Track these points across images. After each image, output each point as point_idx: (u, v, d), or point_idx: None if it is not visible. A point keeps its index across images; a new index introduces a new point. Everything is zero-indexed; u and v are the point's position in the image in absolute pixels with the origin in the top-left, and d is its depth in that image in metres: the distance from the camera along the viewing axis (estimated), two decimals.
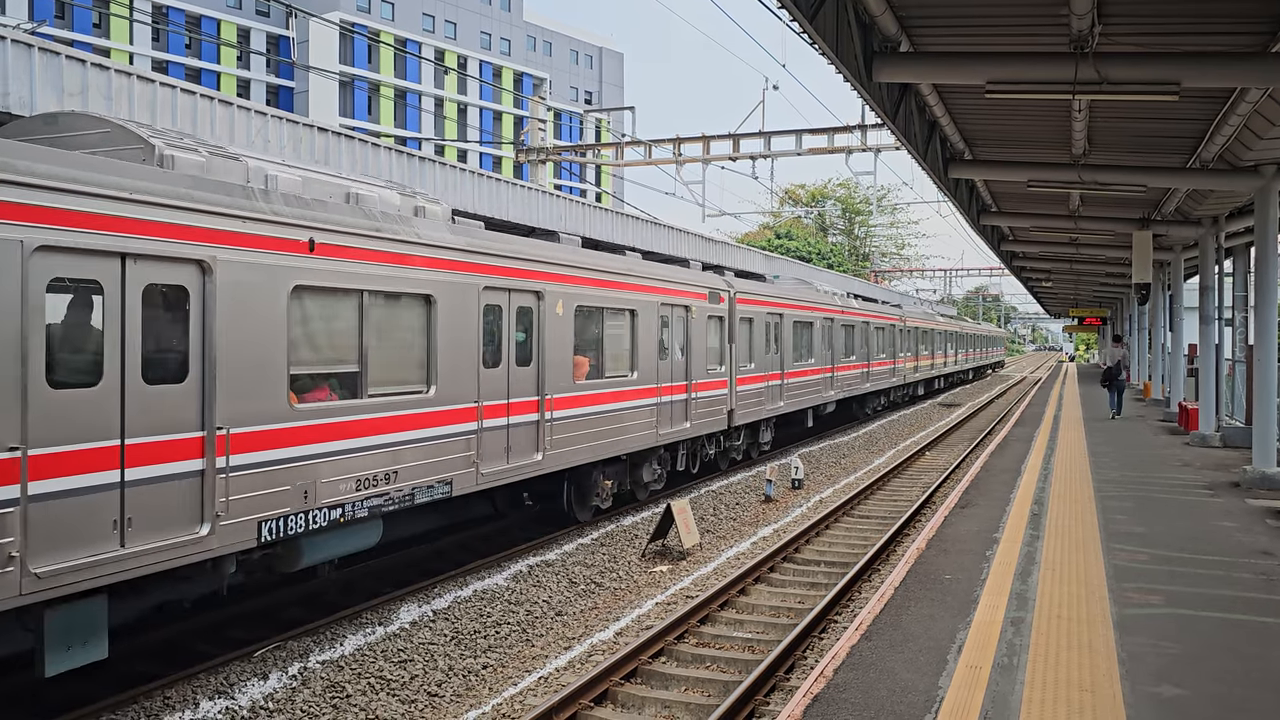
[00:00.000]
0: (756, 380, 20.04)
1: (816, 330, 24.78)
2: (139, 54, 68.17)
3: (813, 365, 24.28)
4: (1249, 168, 14.19)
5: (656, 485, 16.50)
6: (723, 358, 18.31)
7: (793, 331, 22.62)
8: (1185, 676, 6.16)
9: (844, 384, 27.56)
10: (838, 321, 26.82)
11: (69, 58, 10.52)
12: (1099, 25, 9.27)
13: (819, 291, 26.64)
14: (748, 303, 19.79)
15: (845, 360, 27.76)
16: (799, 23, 8.74)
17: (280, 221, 8.55)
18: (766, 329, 20.81)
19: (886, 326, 33.64)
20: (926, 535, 10.66)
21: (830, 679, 6.21)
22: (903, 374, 36.31)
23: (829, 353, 25.85)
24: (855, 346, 29.02)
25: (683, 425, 16.54)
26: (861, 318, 29.85)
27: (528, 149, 29.69)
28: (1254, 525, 10.99)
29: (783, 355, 21.72)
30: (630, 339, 14.89)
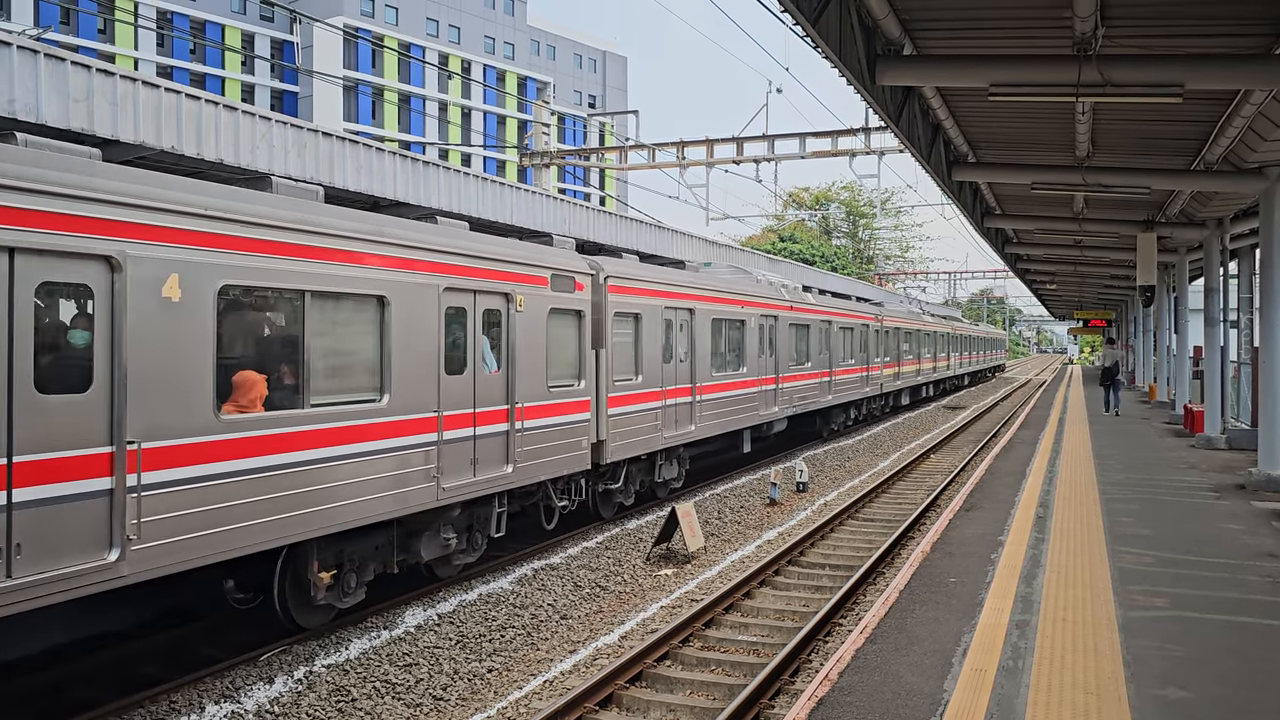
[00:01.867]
0: (646, 398, 15.12)
1: (752, 330, 19.93)
2: (144, 59, 68.37)
3: (745, 376, 19.47)
4: (1253, 169, 14.18)
5: (464, 559, 11.47)
6: (582, 369, 13.38)
7: (712, 332, 17.91)
8: (1190, 679, 6.15)
9: (795, 397, 22.73)
10: (785, 320, 22.08)
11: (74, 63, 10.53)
12: (1102, 28, 9.28)
13: (758, 282, 21.63)
14: (630, 291, 14.72)
15: (797, 367, 23.07)
16: (802, 26, 8.76)
17: None
18: (667, 328, 16.05)
19: (856, 327, 28.96)
20: (931, 538, 10.65)
21: (835, 682, 6.21)
22: (879, 382, 31.68)
23: (772, 359, 21.15)
24: (812, 350, 24.34)
25: (499, 470, 11.27)
26: (821, 315, 25.17)
27: (531, 153, 29.73)
28: (1259, 528, 10.96)
29: (695, 363, 16.91)
30: (378, 344, 9.59)
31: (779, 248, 69.41)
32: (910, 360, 37.37)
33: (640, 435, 15.02)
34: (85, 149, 7.47)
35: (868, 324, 30.49)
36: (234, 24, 75.30)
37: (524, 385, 11.94)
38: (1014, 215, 23.14)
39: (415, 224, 10.82)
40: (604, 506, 15.06)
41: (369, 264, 9.52)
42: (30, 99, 10.11)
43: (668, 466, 16.79)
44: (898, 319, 35.25)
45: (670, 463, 16.86)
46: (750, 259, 31.51)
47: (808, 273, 38.75)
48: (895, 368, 34.36)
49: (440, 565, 11.29)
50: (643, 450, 15.16)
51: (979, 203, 21.62)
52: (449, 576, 11.51)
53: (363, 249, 9.48)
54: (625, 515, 15.66)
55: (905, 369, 36.39)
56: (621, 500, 15.36)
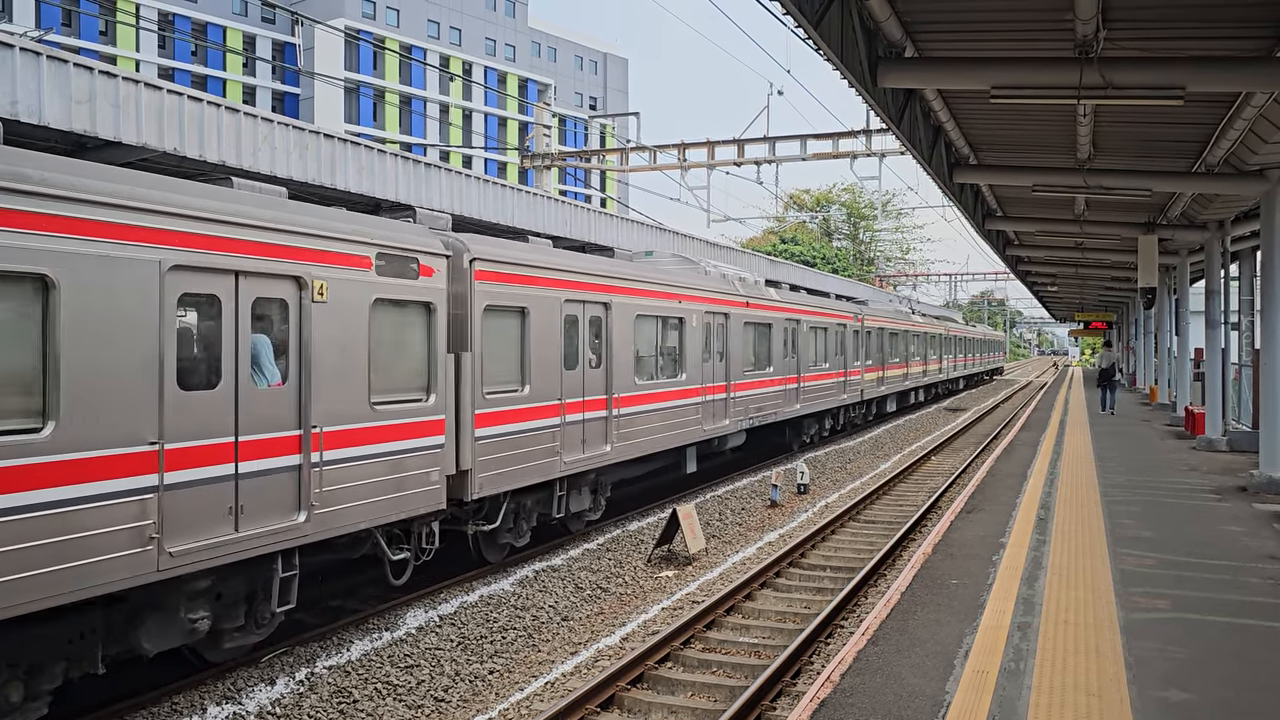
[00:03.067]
0: (537, 414, 12.12)
1: (694, 330, 16.92)
2: (145, 61, 68.47)
3: (685, 384, 16.54)
4: (1255, 172, 14.18)
5: (243, 639, 8.68)
6: (432, 379, 10.26)
7: (636, 331, 14.82)
8: (1192, 681, 6.14)
9: (753, 407, 19.74)
10: (739, 318, 19.13)
11: (76, 65, 10.56)
12: (1104, 30, 9.29)
13: (706, 274, 18.65)
14: (512, 280, 11.68)
15: (756, 373, 20.16)
16: (804, 28, 8.76)
17: None
18: (569, 327, 13.01)
19: (832, 327, 25.95)
20: (933, 540, 10.65)
21: (837, 684, 6.21)
22: (859, 388, 28.77)
23: (722, 363, 18.36)
24: (776, 353, 21.32)
25: (282, 520, 8.37)
26: (786, 313, 22.09)
27: (533, 155, 29.75)
28: (1261, 529, 10.96)
29: (612, 369, 13.89)
30: (39, 348, 6.68)
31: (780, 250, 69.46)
32: (897, 364, 34.50)
33: (528, 461, 11.85)
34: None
35: (845, 324, 27.55)
36: (235, 26, 75.40)
37: (327, 402, 8.84)
38: (1015, 217, 23.14)
39: (114, 171, 7.44)
40: (488, 549, 12.12)
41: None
42: (33, 101, 10.13)
43: (576, 497, 13.50)
44: (882, 318, 32.52)
45: (579, 492, 13.58)
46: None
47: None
48: (879, 372, 31.48)
49: (209, 649, 8.49)
50: (533, 478, 12.03)
51: (980, 205, 21.63)
52: (222, 661, 8.78)
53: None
54: (626, 517, 15.66)
55: (891, 373, 33.43)
56: (511, 541, 12.33)
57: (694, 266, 18.72)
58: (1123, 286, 38.18)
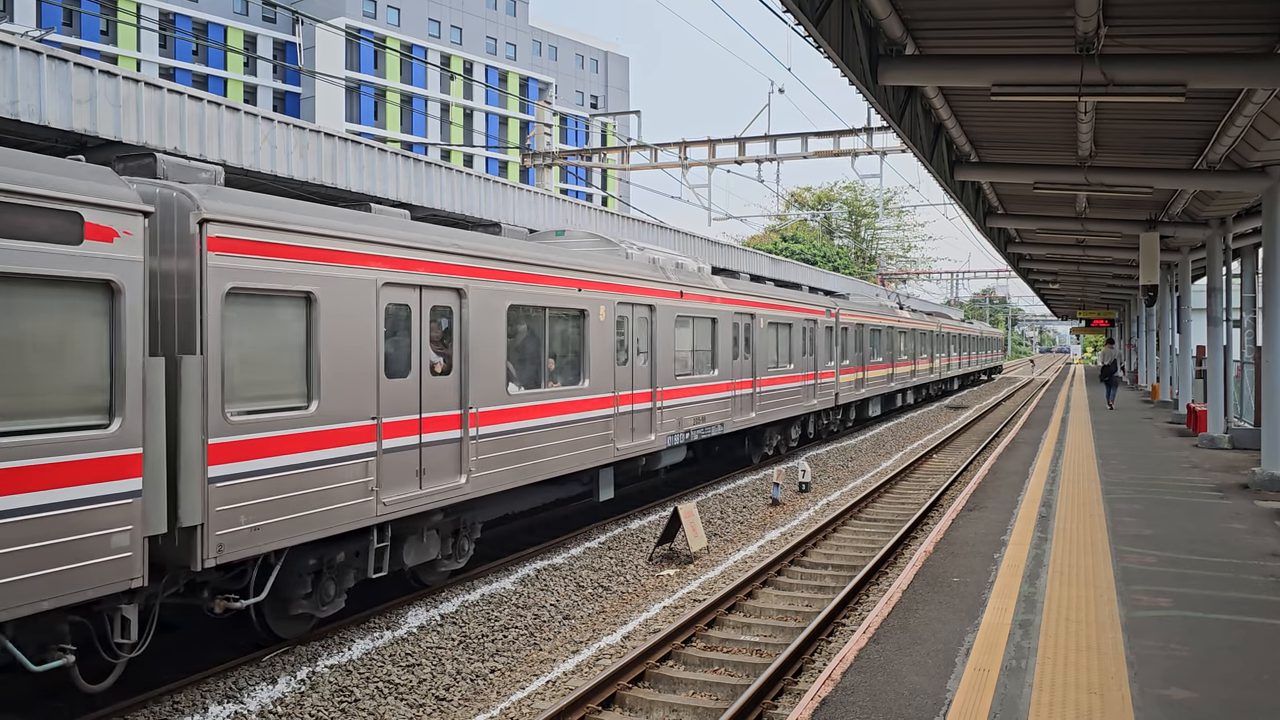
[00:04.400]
0: (337, 439, 9.03)
1: (601, 326, 13.88)
2: (146, 60, 68.51)
3: (587, 393, 13.44)
4: (1256, 169, 14.16)
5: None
6: (115, 396, 7.11)
7: (510, 326, 11.68)
8: (1194, 679, 6.14)
9: (691, 418, 16.78)
10: (669, 312, 16.03)
11: (77, 65, 10.56)
12: (1104, 27, 9.28)
13: (627, 258, 15.46)
14: (283, 252, 8.53)
15: (696, 377, 17.15)
16: (804, 26, 8.75)
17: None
18: (395, 319, 9.88)
19: (798, 323, 22.99)
20: (934, 538, 10.65)
21: (838, 682, 6.20)
22: (832, 392, 25.70)
23: (646, 366, 15.24)
24: (723, 354, 18.24)
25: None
26: (736, 306, 19.12)
27: (534, 153, 29.75)
28: (1263, 527, 10.95)
29: (466, 376, 10.77)
30: None
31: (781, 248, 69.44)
32: (880, 363, 31.52)
33: (318, 505, 8.71)
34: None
35: (815, 319, 24.34)
36: (236, 25, 75.40)
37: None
38: (1016, 215, 23.12)
39: None
40: (278, 623, 9.25)
41: None
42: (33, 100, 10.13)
43: (416, 544, 10.46)
44: (862, 313, 29.51)
45: (421, 538, 10.55)
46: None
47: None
48: (857, 373, 28.57)
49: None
50: (327, 528, 8.82)
51: (981, 202, 21.61)
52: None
53: None
54: (627, 515, 15.65)
55: (873, 374, 30.45)
56: (312, 611, 9.27)
57: (612, 248, 15.51)
58: (1124, 284, 38.15)
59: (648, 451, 15.31)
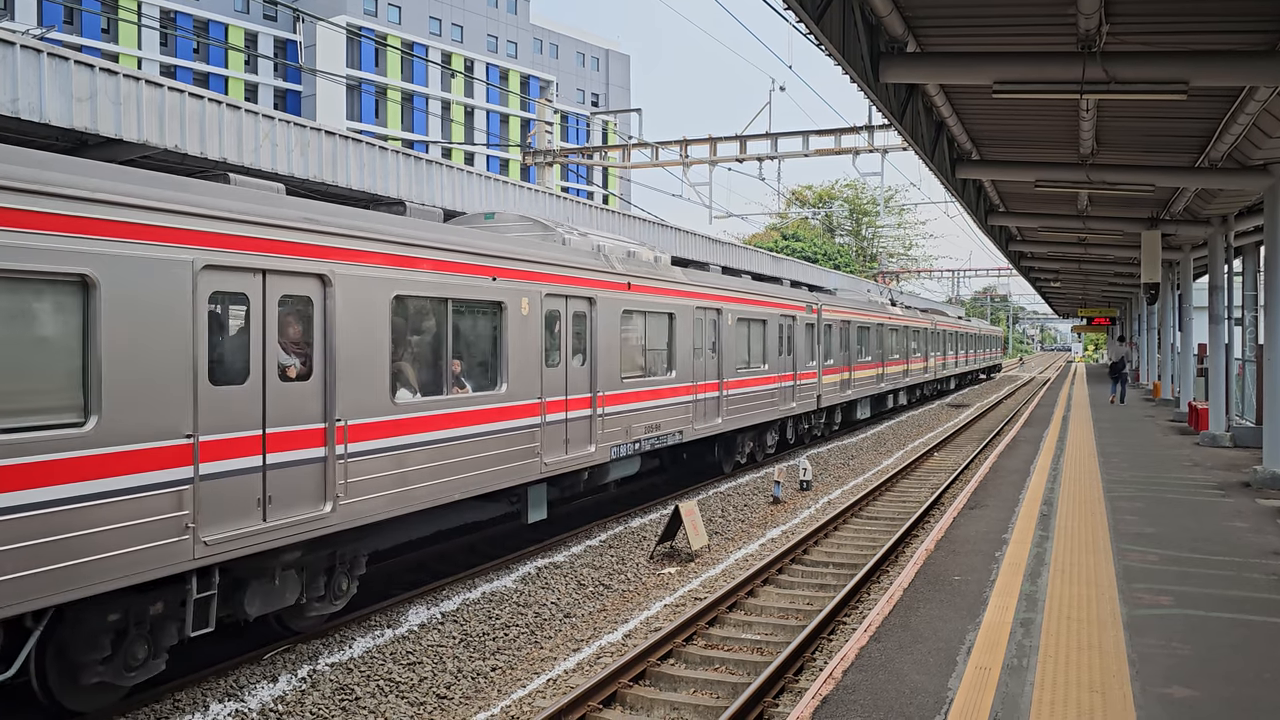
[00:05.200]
0: (125, 465, 7.07)
1: (523, 323, 11.84)
2: (147, 59, 68.50)
3: (503, 400, 11.43)
4: (1258, 166, 14.14)
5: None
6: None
7: (394, 322, 9.79)
8: (1196, 677, 6.13)
9: (642, 427, 14.82)
10: (610, 306, 13.88)
11: (78, 63, 10.56)
12: (1106, 25, 9.26)
13: (563, 244, 13.61)
14: (62, 226, 6.70)
15: (648, 380, 15.08)
16: (805, 24, 8.74)
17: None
18: (218, 313, 8.10)
19: (773, 319, 20.91)
20: (935, 536, 10.64)
21: (839, 681, 6.20)
22: (813, 394, 23.75)
23: (583, 368, 13.31)
24: (680, 353, 16.22)
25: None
26: (696, 300, 16.95)
27: (535, 151, 29.73)
28: (1265, 525, 10.93)
29: (332, 383, 8.87)
30: None
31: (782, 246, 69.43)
32: (868, 363, 29.68)
33: (98, 551, 6.84)
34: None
35: (794, 315, 22.42)
36: (237, 23, 75.39)
37: None
38: (1018, 213, 23.09)
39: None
40: (65, 695, 7.42)
41: None
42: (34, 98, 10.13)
43: (263, 590, 8.64)
44: (848, 309, 27.58)
45: (280, 579, 8.75)
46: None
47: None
48: (843, 373, 26.67)
49: None
50: (111, 580, 6.94)
51: (983, 200, 21.59)
52: None
53: None
54: (628, 514, 15.64)
55: (861, 375, 28.61)
56: (111, 679, 7.46)
57: (546, 233, 13.76)
58: (1126, 282, 38.12)
59: (588, 465, 13.39)
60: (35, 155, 6.78)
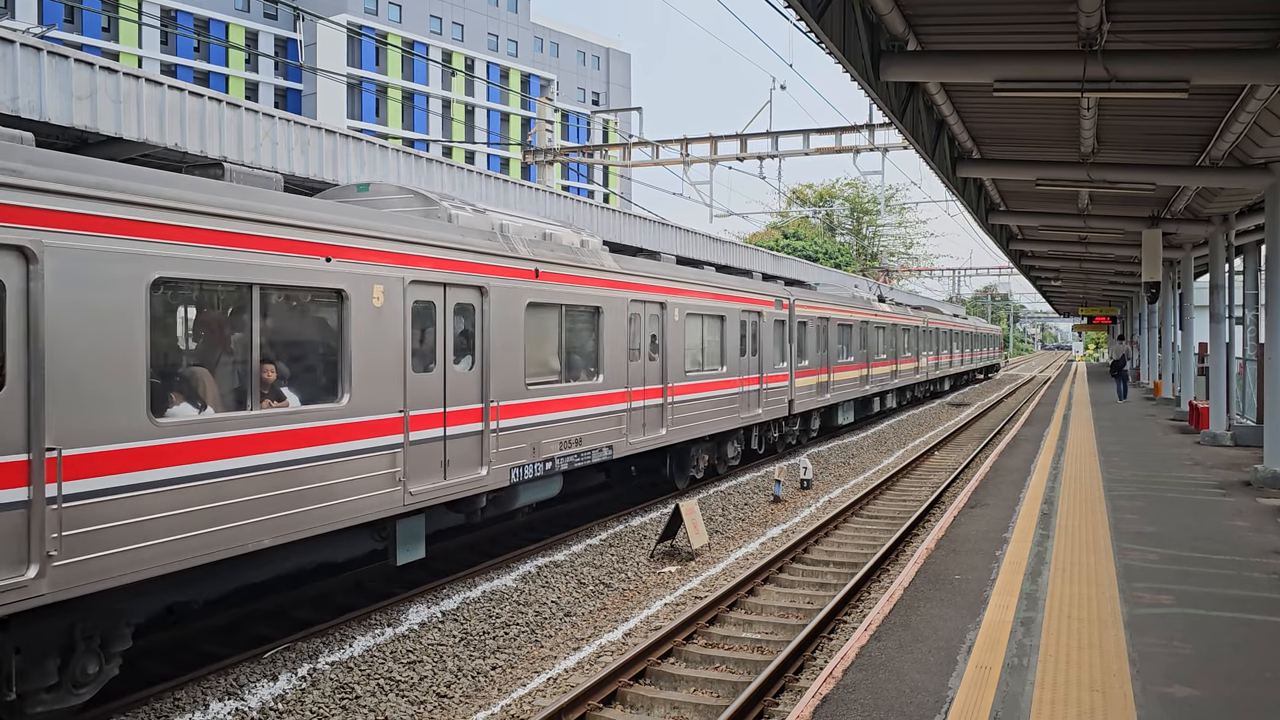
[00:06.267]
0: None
1: (375, 315, 9.48)
2: (147, 57, 68.47)
3: (347, 415, 9.12)
4: (1259, 165, 14.12)
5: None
6: None
7: (159, 319, 7.53)
8: (1197, 677, 6.12)
9: (558, 440, 12.55)
10: (507, 296, 11.58)
11: (78, 61, 10.56)
12: (1107, 23, 9.24)
13: (448, 223, 11.17)
14: None
15: (562, 387, 12.79)
16: (805, 22, 8.72)
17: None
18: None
19: (732, 315, 18.50)
20: (936, 535, 10.64)
21: (839, 680, 6.19)
22: (782, 399, 21.32)
23: (472, 371, 11.03)
24: (609, 354, 13.87)
25: None
26: (632, 292, 14.66)
27: (535, 150, 29.72)
28: (1265, 524, 10.93)
29: (38, 401, 6.44)
30: None
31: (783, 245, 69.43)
32: (850, 364, 27.31)
33: None
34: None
35: (760, 311, 20.05)
36: (238, 21, 75.36)
37: None
38: (1018, 212, 23.07)
39: None
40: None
41: None
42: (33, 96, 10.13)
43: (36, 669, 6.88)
44: (826, 305, 25.17)
45: (37, 666, 6.91)
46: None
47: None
48: (820, 375, 24.19)
49: None
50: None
51: (983, 199, 21.57)
52: None
53: None
54: (628, 513, 15.63)
55: (842, 377, 26.25)
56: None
57: (428, 208, 11.36)
58: (1127, 281, 38.10)
59: (479, 490, 11.02)
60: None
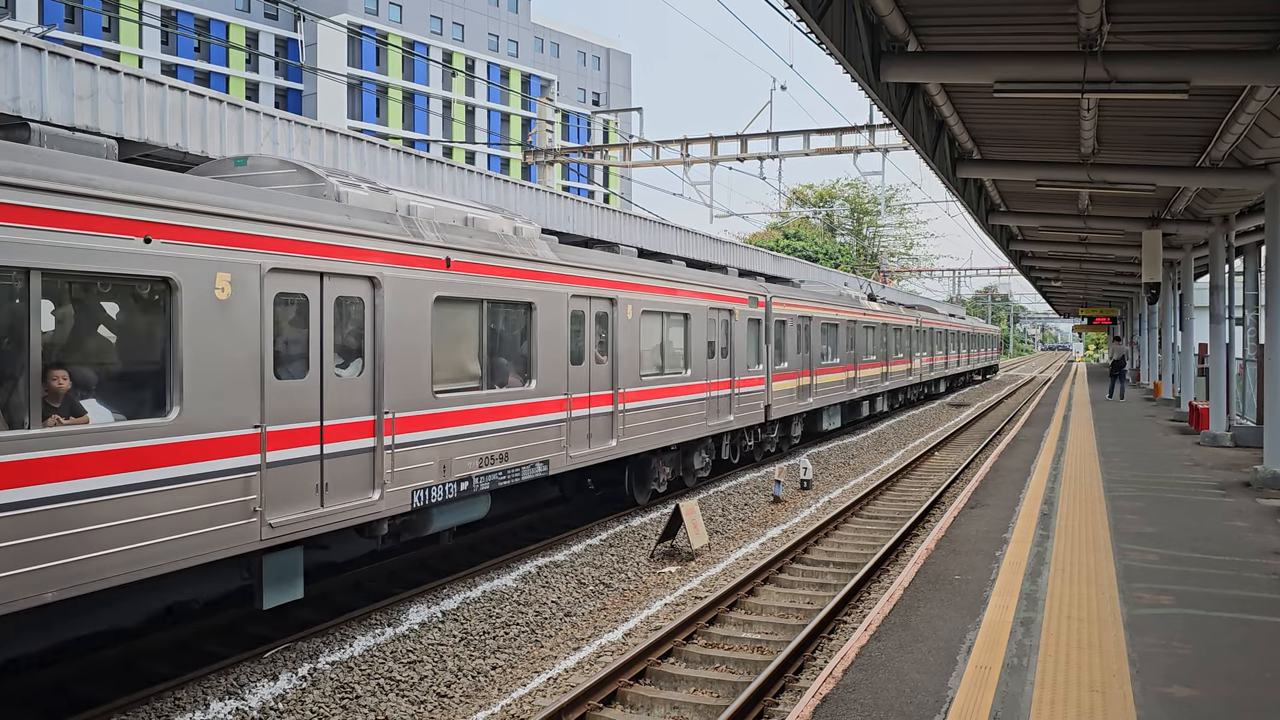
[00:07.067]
0: None
1: (207, 317, 7.74)
2: (148, 57, 68.48)
3: (173, 436, 7.42)
4: (1259, 166, 14.12)
5: None
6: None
7: None
8: (1196, 677, 6.13)
9: (479, 455, 11.06)
10: (410, 291, 10.00)
11: (79, 61, 10.57)
12: (1108, 24, 9.25)
13: (336, 203, 9.48)
14: None
15: (483, 394, 11.24)
16: (806, 23, 8.73)
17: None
18: None
19: (698, 313, 16.98)
20: (936, 536, 10.64)
21: (839, 680, 6.20)
22: (757, 404, 19.86)
23: (363, 378, 9.41)
24: (543, 356, 12.29)
25: None
26: (572, 286, 13.02)
27: (535, 150, 29.72)
28: (1265, 525, 10.93)
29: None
30: None
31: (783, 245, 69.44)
32: (836, 366, 25.90)
33: None
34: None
35: (732, 309, 18.57)
36: (239, 22, 75.37)
37: None
38: (1019, 212, 23.07)
39: None
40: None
41: None
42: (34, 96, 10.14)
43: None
44: (807, 303, 23.67)
45: None
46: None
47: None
48: (802, 378, 22.83)
49: None
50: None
51: (983, 200, 21.58)
52: None
53: None
54: (629, 513, 15.65)
55: (826, 380, 24.90)
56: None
57: (314, 184, 9.69)
58: (1127, 281, 38.09)
59: (371, 517, 9.42)
60: None
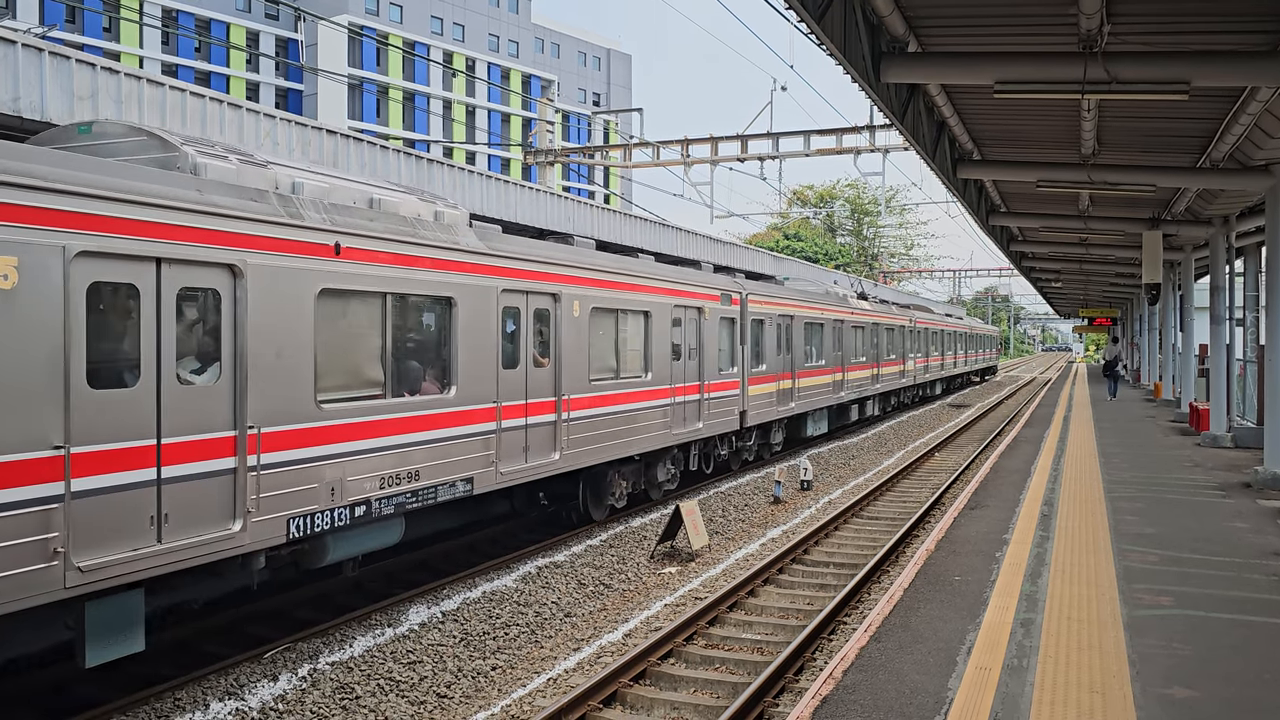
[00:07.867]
0: None
1: (6, 317, 6.23)
2: (149, 57, 68.50)
3: None
4: (1260, 167, 14.13)
5: None
6: None
7: None
8: (1196, 678, 6.13)
9: (378, 478, 9.44)
10: (283, 282, 8.35)
11: (79, 61, 10.58)
12: (1108, 25, 9.25)
13: (192, 176, 7.96)
14: None
15: (387, 404, 9.65)
16: (806, 23, 8.73)
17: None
18: None
19: (660, 311, 15.39)
20: (936, 536, 10.64)
21: (839, 680, 6.20)
22: (731, 410, 18.29)
23: (218, 388, 7.84)
24: (463, 362, 10.69)
25: None
26: (508, 279, 11.47)
27: (536, 151, 29.73)
28: (1265, 526, 10.93)
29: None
30: None
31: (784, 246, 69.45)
32: (821, 368, 24.31)
33: None
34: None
35: (702, 306, 16.98)
36: (239, 22, 75.39)
37: None
38: (1019, 213, 23.08)
39: None
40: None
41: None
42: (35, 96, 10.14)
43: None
44: (788, 301, 22.02)
45: None
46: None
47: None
48: (783, 381, 21.32)
49: None
50: None
51: (984, 200, 21.58)
52: None
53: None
54: (629, 514, 15.65)
55: (810, 382, 23.36)
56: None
57: (167, 155, 8.24)
58: (1127, 282, 38.10)
59: (232, 552, 7.94)
60: None
